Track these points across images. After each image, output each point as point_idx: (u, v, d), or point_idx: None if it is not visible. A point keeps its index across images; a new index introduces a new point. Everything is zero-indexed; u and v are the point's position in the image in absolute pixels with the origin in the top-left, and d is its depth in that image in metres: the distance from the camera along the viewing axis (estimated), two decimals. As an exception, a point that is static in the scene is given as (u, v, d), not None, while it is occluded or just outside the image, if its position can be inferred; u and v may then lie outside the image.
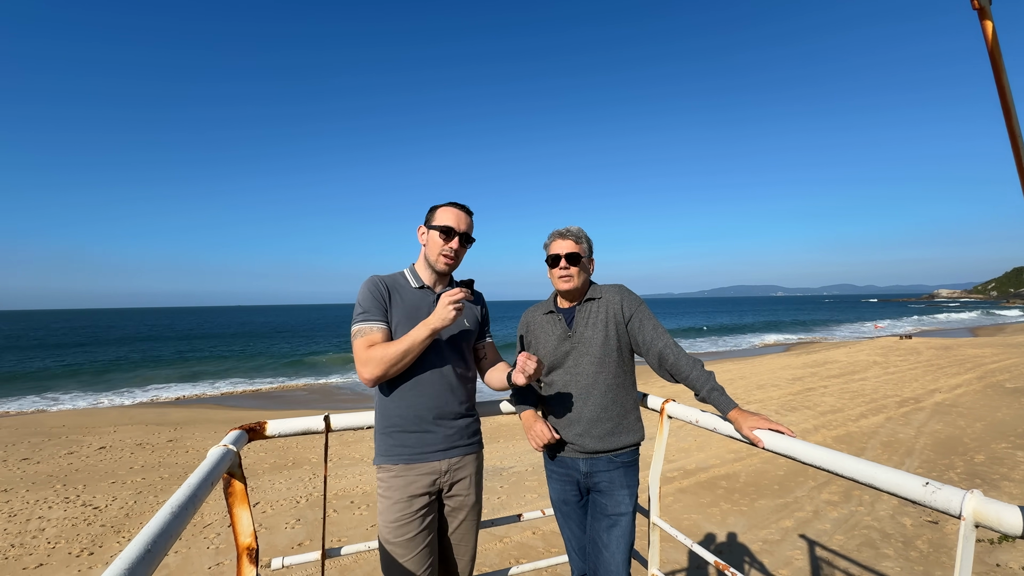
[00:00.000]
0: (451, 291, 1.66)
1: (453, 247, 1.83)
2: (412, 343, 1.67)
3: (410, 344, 1.67)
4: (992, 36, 0.67)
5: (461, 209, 1.88)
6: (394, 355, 1.66)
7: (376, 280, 1.83)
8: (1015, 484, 5.62)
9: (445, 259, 1.84)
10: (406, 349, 1.67)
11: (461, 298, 1.66)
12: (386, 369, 1.67)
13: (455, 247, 1.84)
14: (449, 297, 1.65)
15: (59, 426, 11.42)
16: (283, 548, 4.72)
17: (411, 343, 1.67)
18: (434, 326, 1.67)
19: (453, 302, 1.65)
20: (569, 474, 1.98)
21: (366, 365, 1.67)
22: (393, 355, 1.66)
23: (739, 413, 1.63)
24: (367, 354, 1.68)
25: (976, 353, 18.72)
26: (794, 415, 9.61)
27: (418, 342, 1.68)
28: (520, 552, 4.42)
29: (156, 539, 0.75)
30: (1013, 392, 10.90)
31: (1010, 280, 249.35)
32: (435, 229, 1.84)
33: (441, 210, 1.87)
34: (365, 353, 1.69)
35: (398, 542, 1.70)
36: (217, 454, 1.24)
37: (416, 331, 1.69)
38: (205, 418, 12.96)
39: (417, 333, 1.68)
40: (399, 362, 1.68)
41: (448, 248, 1.83)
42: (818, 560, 4.15)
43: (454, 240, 1.83)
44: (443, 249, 1.83)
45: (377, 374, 1.67)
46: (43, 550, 4.83)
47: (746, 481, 6.02)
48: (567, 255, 1.96)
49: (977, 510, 0.99)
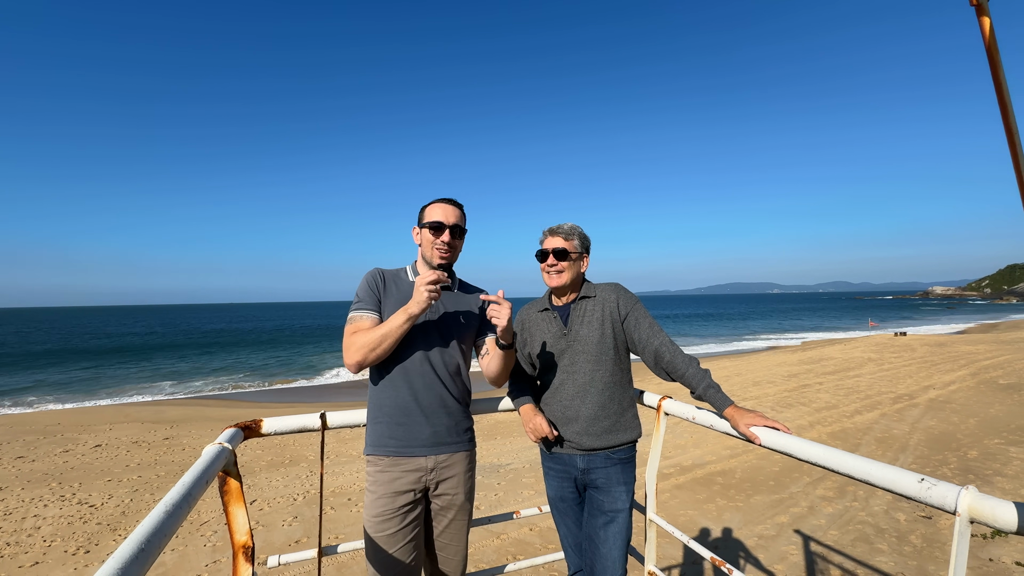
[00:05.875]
0: (425, 274, 1.66)
1: (445, 240, 1.85)
2: (389, 329, 1.68)
3: (387, 330, 1.68)
4: (990, 32, 0.67)
5: (448, 203, 1.90)
6: (371, 340, 1.68)
7: (375, 272, 1.87)
8: (1008, 480, 5.67)
9: (440, 253, 1.85)
10: (383, 334, 1.68)
11: (435, 279, 1.65)
12: (365, 354, 1.68)
13: (447, 240, 1.85)
14: (422, 280, 1.64)
15: (54, 424, 11.37)
16: (279, 546, 4.71)
17: (388, 329, 1.68)
18: (410, 311, 1.67)
19: (427, 284, 1.63)
20: (566, 471, 1.98)
21: (347, 350, 1.71)
22: (371, 340, 1.68)
23: (735, 410, 1.64)
24: (349, 340, 1.72)
25: (969, 350, 18.86)
26: (789, 411, 9.66)
27: (395, 327, 1.68)
28: (517, 549, 4.43)
29: (150, 538, 0.74)
30: (1006, 388, 10.99)
31: (1004, 277, 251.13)
32: (426, 227, 1.86)
33: (430, 207, 1.89)
34: (348, 339, 1.73)
35: (380, 536, 1.71)
36: (212, 452, 1.24)
37: (393, 317, 1.70)
38: (201, 416, 12.92)
39: (394, 319, 1.69)
40: (377, 347, 1.69)
41: (440, 242, 1.84)
42: (813, 555, 4.18)
43: (445, 233, 1.85)
44: (436, 243, 1.85)
45: (357, 359, 1.69)
46: (39, 548, 4.82)
47: (742, 477, 6.05)
48: (554, 251, 1.96)
49: (972, 506, 0.99)
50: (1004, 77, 0.68)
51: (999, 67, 0.67)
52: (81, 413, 13.69)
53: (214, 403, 16.27)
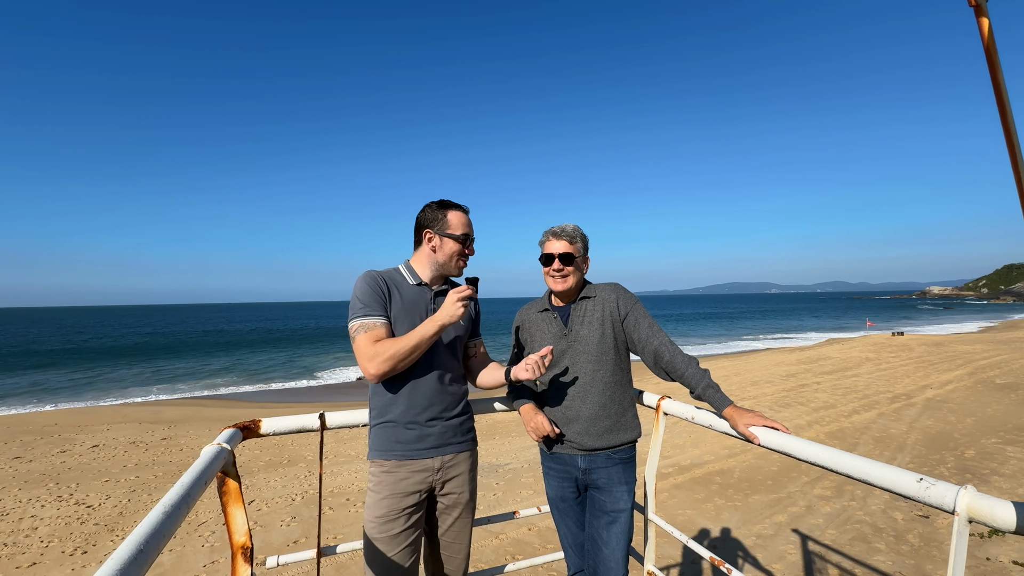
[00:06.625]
0: (460, 288, 1.68)
1: (470, 254, 1.91)
2: (421, 338, 1.67)
3: (419, 339, 1.67)
4: (988, 33, 0.67)
5: (466, 212, 1.93)
6: (404, 350, 1.65)
7: (374, 275, 1.80)
8: (1004, 479, 5.69)
9: (461, 265, 1.90)
10: (415, 344, 1.66)
11: (469, 295, 1.68)
12: (395, 364, 1.66)
13: (471, 254, 1.91)
14: (458, 294, 1.67)
15: (51, 424, 11.33)
16: (278, 546, 4.71)
17: (420, 338, 1.67)
18: (442, 322, 1.67)
19: (462, 299, 1.66)
20: (567, 471, 1.98)
21: (373, 360, 1.64)
22: (403, 350, 1.65)
23: (735, 410, 1.64)
24: (374, 349, 1.65)
25: (967, 349, 18.93)
26: (788, 411, 9.68)
27: (427, 338, 1.68)
28: (516, 548, 4.43)
29: (149, 539, 0.74)
30: (1003, 388, 11.02)
31: (1000, 277, 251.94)
32: (450, 238, 1.84)
33: (452, 215, 1.86)
34: (372, 348, 1.66)
35: (382, 538, 1.70)
36: (211, 453, 1.23)
37: (424, 326, 1.68)
38: (199, 416, 12.89)
39: (426, 328, 1.68)
40: (408, 357, 1.67)
41: (466, 255, 1.90)
42: (811, 554, 4.18)
43: (471, 247, 1.90)
44: (459, 256, 1.88)
45: (385, 369, 1.65)
46: (36, 549, 4.80)
47: (740, 477, 6.06)
48: (561, 255, 1.95)
49: (971, 506, 0.99)
50: (1003, 78, 0.68)
51: (998, 68, 0.67)
52: (78, 413, 13.65)
53: (212, 403, 16.24)
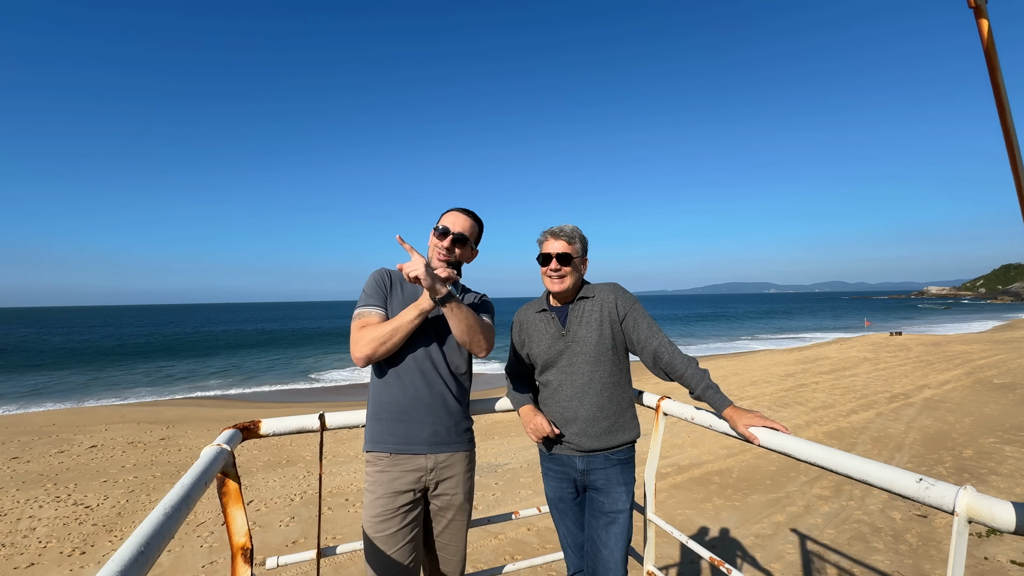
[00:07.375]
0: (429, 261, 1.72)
1: (445, 245, 1.86)
2: (400, 323, 1.72)
3: (398, 324, 1.72)
4: (987, 34, 0.67)
5: (461, 212, 1.93)
6: (382, 334, 1.71)
7: (382, 271, 1.91)
8: (1002, 479, 5.71)
9: (438, 255, 1.88)
10: (394, 328, 1.71)
11: (446, 277, 1.70)
12: (375, 348, 1.71)
13: (447, 245, 1.86)
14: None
15: (49, 424, 11.31)
16: (278, 546, 4.70)
17: (399, 323, 1.72)
18: (422, 307, 1.71)
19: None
20: (566, 472, 1.98)
21: (356, 344, 1.73)
22: (381, 334, 1.71)
23: (734, 411, 1.64)
24: (358, 334, 1.74)
25: (964, 349, 18.97)
26: (786, 411, 9.69)
27: (405, 322, 1.72)
28: (515, 549, 4.43)
29: (149, 540, 0.74)
30: (1001, 388, 11.05)
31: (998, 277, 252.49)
32: (434, 230, 1.90)
33: (445, 215, 1.94)
34: (357, 333, 1.75)
35: (379, 537, 1.71)
36: (211, 454, 1.23)
37: (405, 312, 1.74)
38: (198, 416, 12.87)
39: (406, 314, 1.73)
40: (387, 341, 1.71)
41: (441, 247, 1.86)
42: (809, 554, 4.19)
43: (446, 239, 1.86)
44: (437, 247, 1.87)
45: (367, 352, 1.71)
46: (34, 549, 4.79)
47: (739, 476, 6.07)
48: (558, 255, 1.94)
49: (970, 506, 1.00)
50: (1002, 79, 0.68)
51: (997, 69, 0.67)
52: (76, 413, 13.62)
53: (211, 403, 16.22)
